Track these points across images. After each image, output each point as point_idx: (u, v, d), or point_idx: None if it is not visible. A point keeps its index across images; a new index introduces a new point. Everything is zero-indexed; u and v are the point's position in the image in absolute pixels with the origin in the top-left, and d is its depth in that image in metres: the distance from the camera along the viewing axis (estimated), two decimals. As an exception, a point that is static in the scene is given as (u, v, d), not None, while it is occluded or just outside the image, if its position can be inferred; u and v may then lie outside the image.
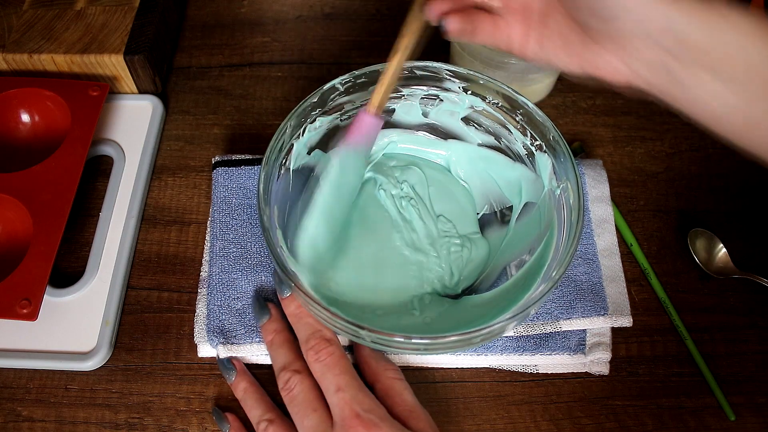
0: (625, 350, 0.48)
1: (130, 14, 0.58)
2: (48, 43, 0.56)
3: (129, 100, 0.59)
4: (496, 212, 0.51)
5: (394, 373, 0.42)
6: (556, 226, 0.45)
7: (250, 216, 0.50)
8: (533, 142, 0.47)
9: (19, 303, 0.44)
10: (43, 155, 0.50)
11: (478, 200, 0.52)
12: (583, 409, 0.46)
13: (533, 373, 0.47)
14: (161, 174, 0.56)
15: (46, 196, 0.48)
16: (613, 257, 0.50)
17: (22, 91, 0.53)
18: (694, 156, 0.57)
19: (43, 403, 0.46)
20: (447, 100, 0.50)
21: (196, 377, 0.47)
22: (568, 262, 0.40)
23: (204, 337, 0.46)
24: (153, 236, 0.53)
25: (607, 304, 0.47)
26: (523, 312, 0.39)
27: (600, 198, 0.52)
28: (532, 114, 0.46)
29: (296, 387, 0.41)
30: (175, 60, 0.63)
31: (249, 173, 0.52)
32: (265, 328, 0.45)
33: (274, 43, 0.64)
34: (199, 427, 0.45)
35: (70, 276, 0.50)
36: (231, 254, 0.49)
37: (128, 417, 0.45)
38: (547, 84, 0.59)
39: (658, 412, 0.46)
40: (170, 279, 0.51)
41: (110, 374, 0.47)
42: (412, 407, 0.41)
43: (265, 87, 0.61)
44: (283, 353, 0.43)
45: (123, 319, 0.49)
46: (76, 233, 0.53)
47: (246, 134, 0.58)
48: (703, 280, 0.51)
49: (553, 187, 0.46)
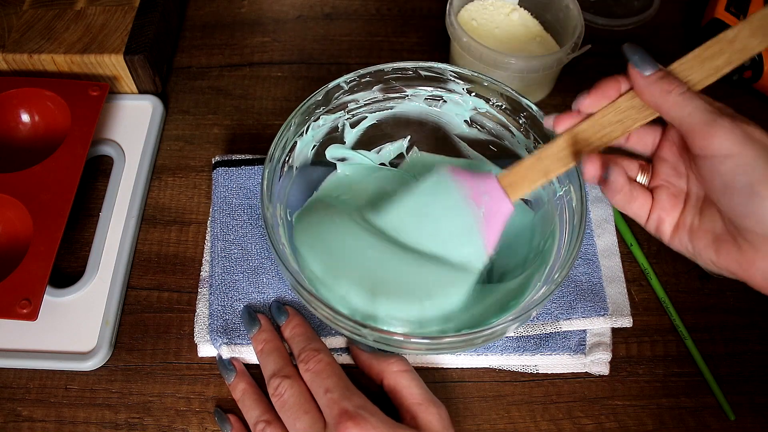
0: (625, 350, 0.48)
1: (130, 14, 0.58)
2: (48, 43, 0.56)
3: (129, 100, 0.58)
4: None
5: (399, 365, 0.42)
6: (558, 228, 0.45)
7: (251, 216, 0.50)
8: (536, 144, 0.47)
9: (19, 303, 0.44)
10: (43, 155, 0.50)
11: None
12: (583, 409, 0.46)
13: (533, 373, 0.47)
14: (161, 174, 0.56)
15: (46, 196, 0.48)
16: (613, 257, 0.50)
17: (22, 91, 0.53)
18: (693, 156, 0.57)
19: (43, 403, 0.46)
20: (450, 101, 0.50)
21: (196, 377, 0.47)
22: (571, 265, 0.40)
23: (205, 337, 0.46)
24: (153, 236, 0.53)
25: (607, 304, 0.47)
26: (525, 314, 0.39)
27: (600, 198, 0.52)
28: (536, 117, 0.46)
29: (287, 392, 0.41)
30: (175, 60, 0.63)
31: (249, 173, 0.52)
32: (256, 338, 0.45)
33: (274, 43, 0.64)
34: (199, 427, 0.45)
35: (70, 276, 0.50)
36: (232, 255, 0.49)
37: (128, 417, 0.45)
38: (548, 84, 0.59)
39: (658, 412, 0.46)
40: (170, 279, 0.51)
41: (110, 374, 0.47)
42: (420, 400, 0.40)
43: (265, 87, 0.61)
44: (273, 360, 0.43)
45: (123, 319, 0.49)
46: (76, 233, 0.53)
47: (246, 134, 0.58)
48: (703, 280, 0.51)
49: (555, 189, 0.46)
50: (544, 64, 0.53)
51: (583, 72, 0.61)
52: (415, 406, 0.40)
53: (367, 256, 0.45)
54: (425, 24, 0.65)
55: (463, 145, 0.52)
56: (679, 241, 0.38)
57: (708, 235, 0.36)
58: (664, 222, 0.38)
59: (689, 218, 0.38)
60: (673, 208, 0.38)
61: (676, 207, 0.38)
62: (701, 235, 0.37)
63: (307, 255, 0.45)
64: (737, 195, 0.33)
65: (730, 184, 0.33)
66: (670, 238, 0.38)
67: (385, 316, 0.43)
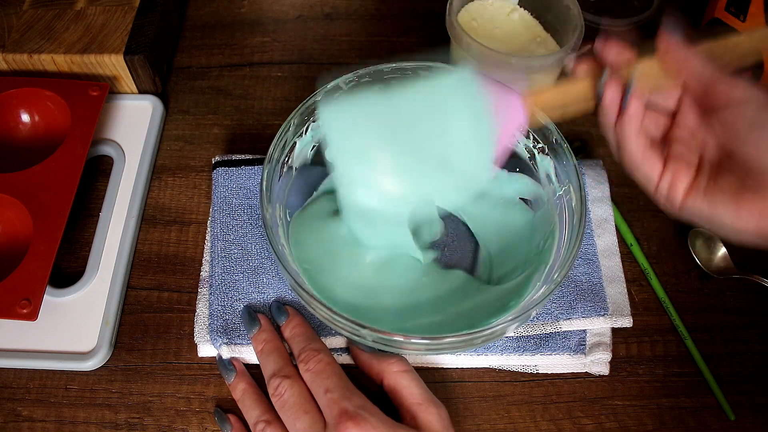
0: (625, 350, 0.48)
1: (130, 14, 0.58)
2: (48, 43, 0.56)
3: (129, 100, 0.58)
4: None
5: (399, 365, 0.42)
6: (557, 228, 0.45)
7: (251, 216, 0.50)
8: (535, 144, 0.47)
9: (19, 303, 0.44)
10: (43, 155, 0.50)
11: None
12: (583, 409, 0.46)
13: (533, 373, 0.47)
14: (161, 174, 0.56)
15: (46, 196, 0.48)
16: (613, 257, 0.50)
17: (22, 91, 0.53)
18: (693, 156, 0.57)
19: (43, 403, 0.46)
20: None
21: (196, 377, 0.47)
22: (570, 265, 0.40)
23: (205, 337, 0.46)
24: (153, 236, 0.53)
25: (607, 304, 0.47)
26: (525, 314, 0.39)
27: (600, 198, 0.52)
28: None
29: (286, 392, 0.41)
30: (175, 60, 0.63)
31: (249, 173, 0.52)
32: (256, 338, 0.45)
33: (274, 43, 0.64)
34: (199, 427, 0.45)
35: (70, 276, 0.50)
36: (232, 255, 0.49)
37: (128, 417, 0.45)
38: (547, 84, 0.59)
39: (658, 411, 0.46)
40: (170, 279, 0.51)
41: (110, 374, 0.47)
42: (420, 399, 0.40)
43: (265, 87, 0.61)
44: (273, 360, 0.43)
45: (123, 319, 0.49)
46: (76, 233, 0.53)
47: (246, 134, 0.58)
48: (703, 280, 0.51)
49: (555, 189, 0.46)
50: (545, 63, 0.53)
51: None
52: (415, 406, 0.40)
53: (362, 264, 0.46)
54: (425, 24, 0.65)
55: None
56: (693, 204, 0.38)
57: (727, 192, 0.36)
58: (676, 185, 0.38)
59: (704, 181, 0.37)
60: (686, 172, 0.38)
61: (689, 171, 0.38)
62: (720, 193, 0.36)
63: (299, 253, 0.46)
64: (765, 130, 0.34)
65: (756, 121, 0.34)
66: (682, 202, 0.38)
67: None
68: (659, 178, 0.39)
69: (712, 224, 0.37)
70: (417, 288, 0.47)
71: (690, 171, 0.38)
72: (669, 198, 0.39)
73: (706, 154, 0.38)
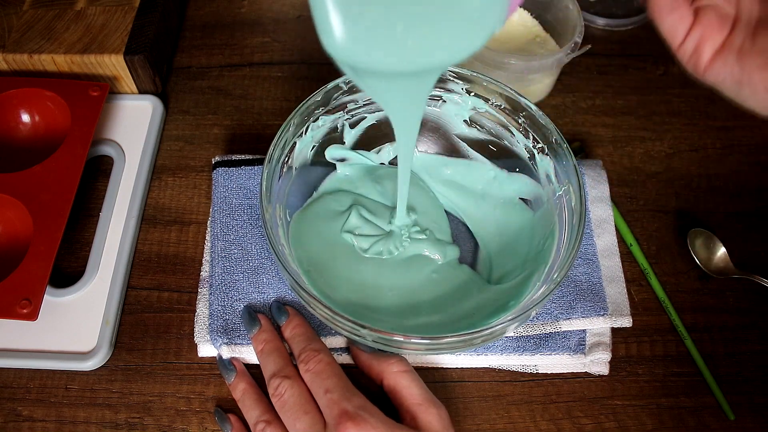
0: (625, 350, 0.48)
1: (130, 14, 0.58)
2: (48, 43, 0.56)
3: (129, 100, 0.59)
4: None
5: (399, 366, 0.42)
6: (557, 228, 0.45)
7: (251, 216, 0.50)
8: (535, 144, 0.47)
9: (19, 303, 0.44)
10: (43, 155, 0.50)
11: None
12: (582, 409, 0.46)
13: (533, 373, 0.47)
14: (161, 174, 0.56)
15: (46, 196, 0.48)
16: (613, 257, 0.50)
17: (22, 91, 0.53)
18: (693, 156, 0.57)
19: (44, 403, 0.46)
20: (450, 101, 0.50)
21: (196, 377, 0.47)
22: (570, 265, 0.40)
23: (205, 337, 0.46)
24: (153, 236, 0.53)
25: (607, 304, 0.47)
26: (525, 313, 0.39)
27: (600, 198, 0.52)
28: (535, 116, 0.46)
29: (287, 392, 0.41)
30: (175, 60, 0.63)
31: (249, 173, 0.52)
32: (256, 338, 0.45)
33: (274, 43, 0.64)
34: (199, 427, 0.45)
35: (70, 276, 0.50)
36: (233, 255, 0.49)
37: (128, 417, 0.45)
38: (547, 84, 0.59)
39: (657, 411, 0.46)
40: (170, 279, 0.51)
41: (110, 374, 0.47)
42: (420, 400, 0.40)
43: (265, 87, 0.61)
44: (273, 360, 0.43)
45: (123, 319, 0.49)
46: (76, 233, 0.53)
47: (246, 134, 0.58)
48: (703, 280, 0.51)
49: (554, 189, 0.46)
50: (544, 64, 0.53)
51: (583, 72, 0.61)
52: (415, 406, 0.40)
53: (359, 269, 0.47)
54: (425, 24, 0.65)
55: (462, 145, 0.52)
56: (723, 66, 0.34)
57: (763, 56, 0.33)
58: (704, 43, 0.34)
59: (738, 40, 0.34)
60: (718, 29, 0.34)
61: (722, 29, 0.34)
62: (755, 56, 0.33)
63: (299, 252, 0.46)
64: None
65: None
66: (709, 63, 0.34)
67: None
68: (687, 32, 0.34)
69: (740, 92, 0.34)
70: (417, 288, 0.47)
71: (724, 27, 0.34)
72: (694, 57, 0.35)
73: (744, 8, 0.34)
